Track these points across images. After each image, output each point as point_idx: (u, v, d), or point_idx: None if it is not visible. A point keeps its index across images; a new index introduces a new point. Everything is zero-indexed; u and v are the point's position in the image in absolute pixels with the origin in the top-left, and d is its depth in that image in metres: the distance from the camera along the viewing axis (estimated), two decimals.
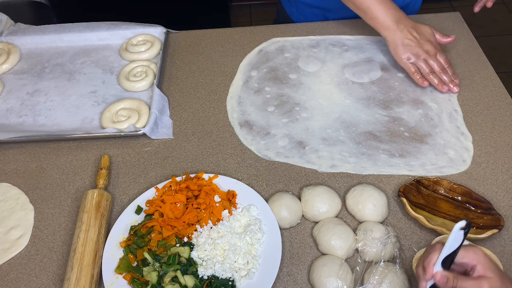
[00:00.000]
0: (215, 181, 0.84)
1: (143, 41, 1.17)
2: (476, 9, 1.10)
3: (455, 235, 0.53)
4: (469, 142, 0.92)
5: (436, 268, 0.56)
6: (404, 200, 0.79)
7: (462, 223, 0.53)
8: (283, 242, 0.77)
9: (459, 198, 0.81)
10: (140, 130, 0.94)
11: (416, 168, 0.88)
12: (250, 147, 0.93)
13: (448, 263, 0.56)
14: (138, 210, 0.81)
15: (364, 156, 0.90)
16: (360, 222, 0.79)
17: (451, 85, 1.00)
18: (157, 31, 1.20)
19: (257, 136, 0.95)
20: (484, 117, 0.97)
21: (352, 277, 0.71)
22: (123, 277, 0.72)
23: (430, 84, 1.02)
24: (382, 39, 1.16)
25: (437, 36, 1.04)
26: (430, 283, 0.57)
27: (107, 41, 1.20)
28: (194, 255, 0.73)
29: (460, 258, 0.56)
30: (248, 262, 0.73)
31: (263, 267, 0.73)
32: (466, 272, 0.58)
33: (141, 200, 0.82)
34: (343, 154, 0.91)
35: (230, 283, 0.70)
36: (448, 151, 0.90)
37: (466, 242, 0.56)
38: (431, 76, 1.00)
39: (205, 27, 1.24)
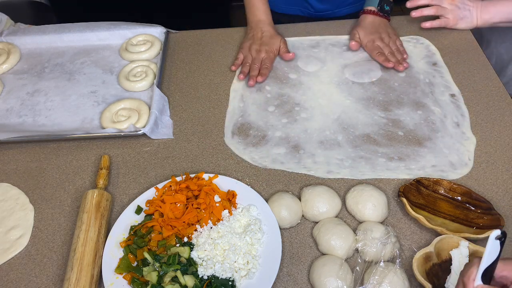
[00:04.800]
0: (215, 181, 0.84)
1: (143, 41, 1.17)
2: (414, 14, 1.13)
3: (491, 246, 0.52)
4: (473, 147, 0.90)
5: (476, 282, 0.54)
6: (404, 200, 0.79)
7: (497, 232, 0.51)
8: (283, 242, 0.77)
9: (459, 198, 0.81)
10: (140, 130, 0.94)
11: (415, 172, 0.87)
12: (243, 156, 0.91)
13: (488, 277, 0.54)
14: (138, 210, 0.81)
15: (362, 159, 0.89)
16: (360, 222, 0.79)
17: None
18: (157, 31, 1.20)
19: (249, 146, 0.93)
20: (484, 117, 0.97)
21: (352, 277, 0.71)
22: (123, 277, 0.72)
23: (420, 86, 0.99)
24: None
25: (281, 50, 1.12)
26: None
27: (107, 41, 1.20)
28: (194, 255, 0.73)
29: (500, 271, 0.54)
30: (248, 262, 0.73)
31: (263, 267, 0.73)
32: (505, 287, 0.55)
33: (141, 200, 0.82)
34: (340, 159, 0.90)
35: (230, 283, 0.70)
36: (449, 156, 0.89)
37: (489, 250, 0.53)
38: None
39: (205, 27, 1.24)
